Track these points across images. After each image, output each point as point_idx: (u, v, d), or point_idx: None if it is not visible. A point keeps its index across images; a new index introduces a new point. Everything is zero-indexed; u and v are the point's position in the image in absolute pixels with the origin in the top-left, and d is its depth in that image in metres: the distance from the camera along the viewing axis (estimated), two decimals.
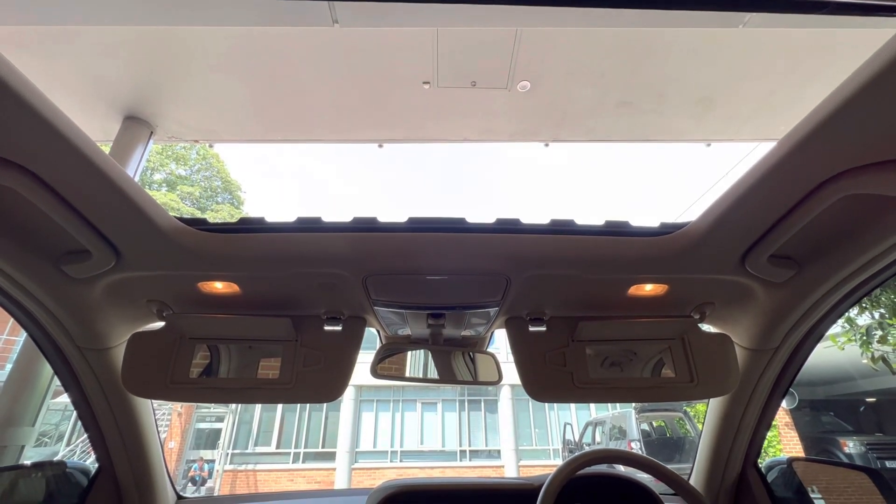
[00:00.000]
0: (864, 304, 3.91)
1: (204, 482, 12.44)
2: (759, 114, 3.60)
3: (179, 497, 1.50)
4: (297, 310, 1.05)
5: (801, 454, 10.52)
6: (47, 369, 2.61)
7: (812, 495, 1.34)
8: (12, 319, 0.98)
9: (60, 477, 1.31)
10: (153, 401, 1.28)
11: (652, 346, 1.07)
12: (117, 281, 0.89)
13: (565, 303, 1.04)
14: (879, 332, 3.76)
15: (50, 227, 0.75)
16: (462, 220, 0.85)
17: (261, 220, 0.85)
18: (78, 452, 11.14)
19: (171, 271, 0.88)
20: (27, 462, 1.71)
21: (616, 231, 0.86)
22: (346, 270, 0.88)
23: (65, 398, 1.18)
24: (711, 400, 1.34)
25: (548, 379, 1.04)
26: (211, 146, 4.70)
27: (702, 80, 3.24)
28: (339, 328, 1.06)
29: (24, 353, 2.78)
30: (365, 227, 0.84)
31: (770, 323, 1.05)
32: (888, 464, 8.99)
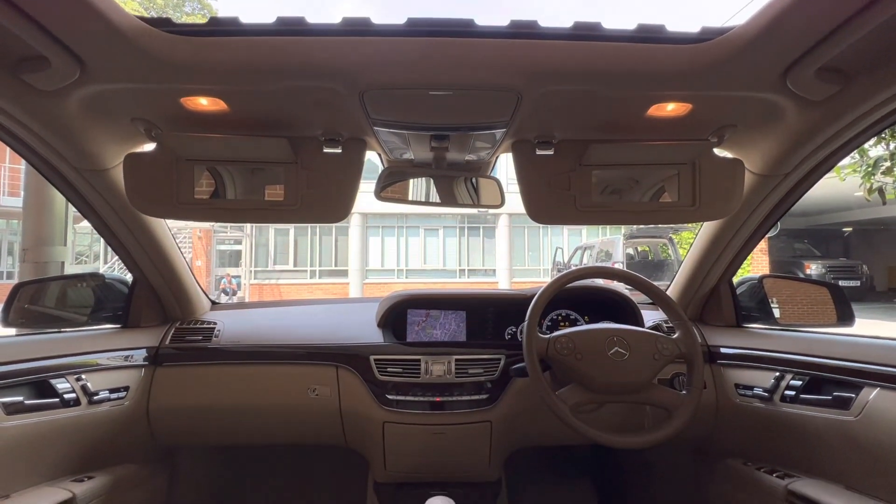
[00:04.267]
0: (883, 136, 3.74)
1: (234, 293, 14.19)
2: None
3: (214, 303, 1.71)
4: (293, 131, 0.99)
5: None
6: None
7: (772, 306, 1.52)
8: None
9: (102, 286, 1.47)
10: (168, 221, 1.34)
11: (660, 171, 1.05)
12: (91, 94, 0.83)
13: (578, 125, 0.98)
14: (887, 164, 3.68)
15: None
16: (470, 22, 0.73)
17: (234, 21, 0.73)
18: (116, 269, 12.39)
19: (145, 84, 0.80)
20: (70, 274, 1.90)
21: (649, 37, 0.74)
22: (339, 84, 0.80)
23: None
24: (705, 223, 1.39)
25: (550, 202, 1.05)
26: None
27: None
28: (338, 150, 1.02)
29: (30, 180, 2.81)
30: (357, 30, 0.73)
31: (790, 148, 1.00)
32: (841, 282, 10.17)
